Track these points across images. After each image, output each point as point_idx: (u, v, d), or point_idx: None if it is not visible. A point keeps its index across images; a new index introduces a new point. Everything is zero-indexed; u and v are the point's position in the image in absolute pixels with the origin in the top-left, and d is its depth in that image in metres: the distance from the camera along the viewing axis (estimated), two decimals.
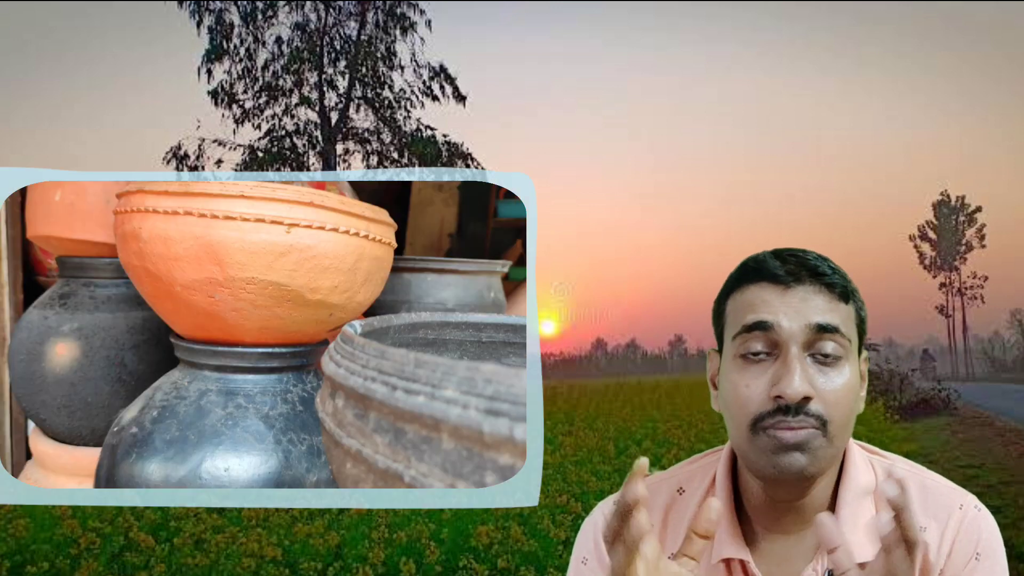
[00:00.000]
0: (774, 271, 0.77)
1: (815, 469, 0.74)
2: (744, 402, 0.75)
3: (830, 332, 0.74)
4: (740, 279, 0.79)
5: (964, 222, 33.64)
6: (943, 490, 0.80)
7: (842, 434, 0.75)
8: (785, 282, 0.76)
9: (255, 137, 12.02)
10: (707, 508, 0.66)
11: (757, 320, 0.75)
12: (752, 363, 0.75)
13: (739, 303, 0.78)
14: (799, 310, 0.74)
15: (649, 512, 0.84)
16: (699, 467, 0.87)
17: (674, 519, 0.84)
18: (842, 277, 0.77)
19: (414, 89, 12.43)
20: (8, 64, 43.80)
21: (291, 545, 3.60)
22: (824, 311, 0.75)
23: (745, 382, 0.75)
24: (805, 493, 0.78)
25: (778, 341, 0.74)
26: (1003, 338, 39.59)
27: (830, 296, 0.76)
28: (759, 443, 0.74)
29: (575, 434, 7.57)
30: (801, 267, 0.76)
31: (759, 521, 0.81)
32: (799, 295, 0.75)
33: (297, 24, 12.19)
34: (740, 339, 0.76)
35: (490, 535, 3.57)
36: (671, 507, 0.85)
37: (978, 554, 0.76)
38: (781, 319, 0.74)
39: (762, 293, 0.76)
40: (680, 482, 0.87)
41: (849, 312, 0.76)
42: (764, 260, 0.78)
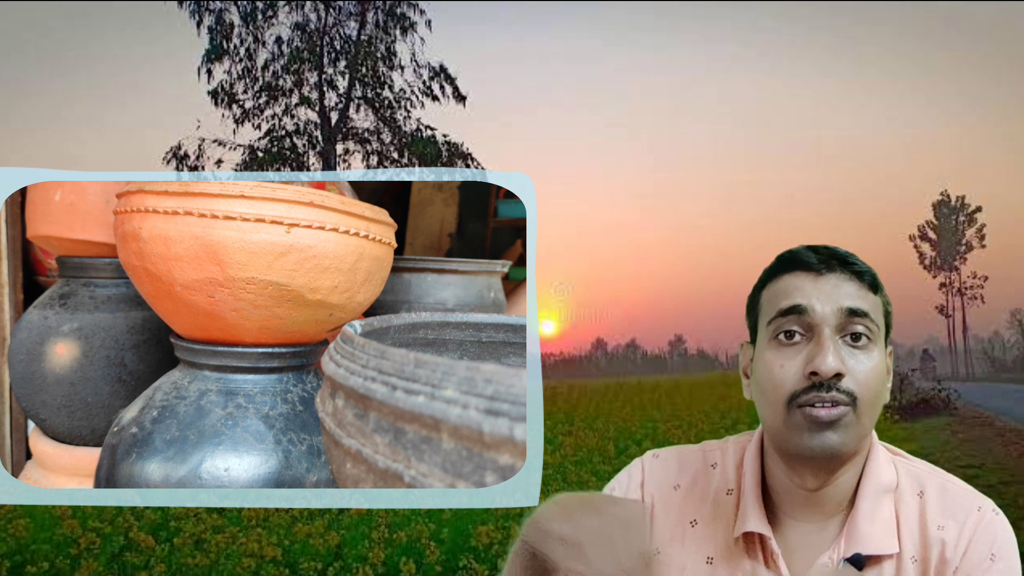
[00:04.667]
0: (807, 260, 0.81)
1: (846, 449, 0.77)
2: (780, 381, 0.78)
3: (860, 316, 0.78)
4: (775, 270, 0.84)
5: (964, 222, 33.62)
6: (963, 492, 0.82)
7: (871, 413, 0.78)
8: (818, 269, 0.80)
9: (255, 137, 12.00)
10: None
11: (792, 304, 0.79)
12: (786, 345, 0.79)
13: (774, 291, 0.82)
14: (831, 295, 0.79)
15: (680, 473, 0.89)
16: (732, 445, 0.91)
17: (701, 486, 0.88)
18: (870, 269, 0.82)
19: (414, 89, 12.42)
20: (8, 64, 43.77)
21: (291, 545, 3.60)
22: (854, 297, 0.79)
23: (780, 362, 0.79)
24: (829, 480, 0.80)
25: (812, 323, 0.78)
26: (1003, 338, 39.58)
27: (860, 284, 0.80)
28: (794, 420, 0.77)
29: (575, 434, 7.57)
30: (833, 257, 0.81)
31: (781, 507, 0.84)
32: (831, 282, 0.80)
33: (297, 24, 12.18)
34: (775, 323, 0.80)
35: (490, 535, 3.57)
36: (700, 474, 0.89)
37: (993, 555, 0.78)
38: (815, 303, 0.79)
39: (796, 280, 0.81)
40: (714, 457, 0.91)
41: (877, 302, 0.81)
42: (798, 251, 0.83)
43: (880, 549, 0.78)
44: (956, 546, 0.78)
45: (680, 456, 0.91)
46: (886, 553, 0.78)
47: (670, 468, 0.90)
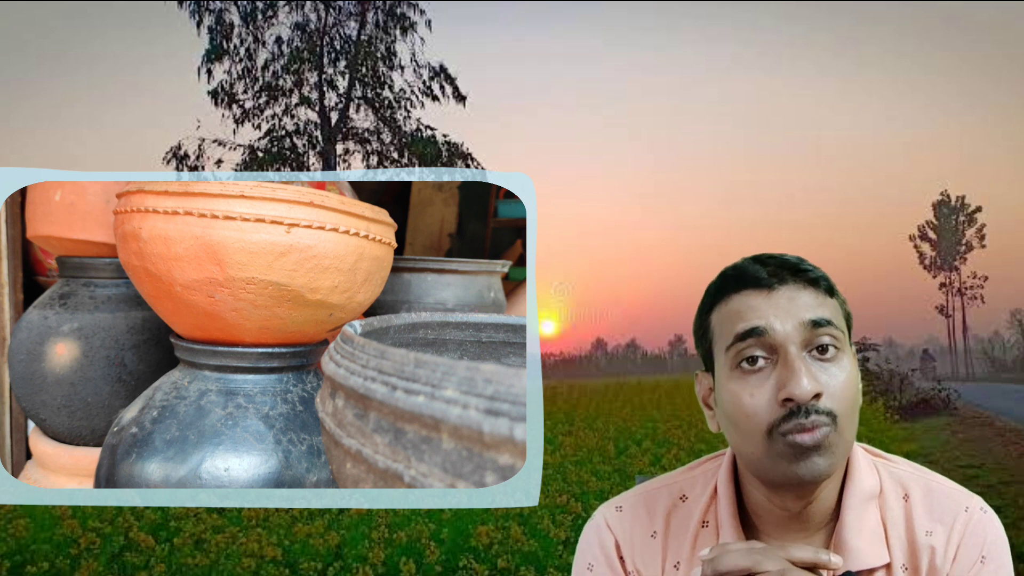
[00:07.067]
0: (756, 275, 0.75)
1: (834, 470, 0.74)
2: (752, 412, 0.73)
3: (824, 326, 0.73)
4: (721, 290, 0.78)
5: (964, 222, 33.61)
6: (948, 492, 0.79)
7: (851, 427, 0.74)
8: (769, 285, 0.74)
9: (255, 137, 12.01)
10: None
11: (749, 327, 0.73)
12: (751, 372, 0.74)
13: (725, 314, 0.76)
14: (788, 310, 0.73)
15: (652, 518, 0.84)
16: (700, 473, 0.87)
17: (676, 525, 0.84)
18: (822, 273, 0.76)
19: (414, 89, 12.42)
20: (8, 64, 43.79)
21: (291, 545, 3.60)
22: (814, 307, 0.74)
23: (748, 392, 0.73)
24: (813, 500, 0.77)
25: (774, 344, 0.73)
26: (1003, 338, 39.56)
27: (816, 292, 0.75)
28: (776, 449, 0.72)
29: (575, 434, 7.58)
30: (782, 267, 0.75)
31: (762, 528, 0.80)
32: (785, 295, 0.74)
33: (297, 24, 12.18)
34: (734, 349, 0.74)
35: (490, 535, 3.57)
36: (672, 513, 0.85)
37: (984, 557, 0.76)
38: (773, 321, 0.73)
39: (747, 299, 0.75)
40: (682, 489, 0.86)
41: (836, 306, 0.76)
42: (743, 267, 0.77)
43: (870, 562, 0.75)
44: (945, 553, 0.76)
45: (647, 500, 0.86)
46: (876, 565, 0.76)
47: (640, 516, 0.85)
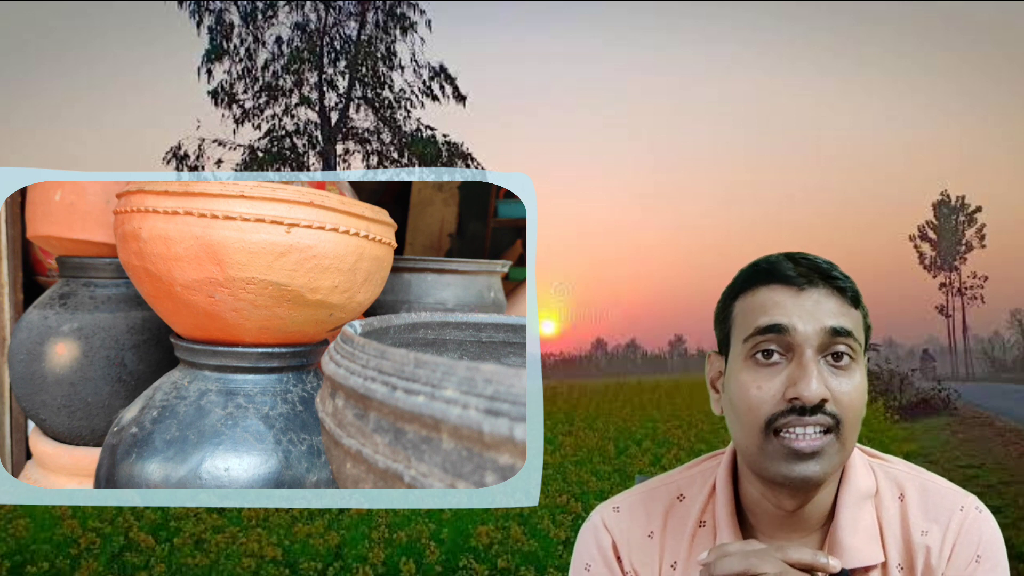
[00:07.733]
0: (787, 273, 0.76)
1: (827, 476, 0.75)
2: (756, 404, 0.74)
3: (843, 336, 0.74)
4: (750, 280, 0.78)
5: (964, 222, 33.62)
6: (943, 492, 0.80)
7: (852, 436, 0.75)
8: (798, 284, 0.75)
9: (255, 137, 12.02)
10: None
11: (772, 323, 0.74)
12: (764, 365, 0.75)
13: (750, 305, 0.77)
14: (813, 313, 0.74)
15: (649, 518, 0.84)
16: (698, 472, 0.87)
17: (673, 525, 0.84)
18: (852, 283, 0.77)
19: (414, 89, 12.43)
20: (8, 64, 43.83)
21: (291, 545, 3.60)
22: (837, 315, 0.74)
23: (757, 384, 0.74)
24: (808, 500, 0.78)
25: (792, 344, 0.74)
26: (1003, 338, 39.56)
27: (842, 300, 0.75)
28: (771, 447, 0.73)
29: (575, 434, 7.58)
30: (813, 270, 0.76)
31: (759, 527, 0.81)
32: (812, 298, 0.75)
33: (297, 24, 12.19)
34: (752, 341, 0.75)
35: (490, 535, 3.57)
36: (670, 512, 0.85)
37: (979, 556, 0.76)
38: (796, 322, 0.74)
39: (774, 295, 0.76)
40: (680, 488, 0.87)
41: (858, 317, 0.76)
42: (777, 262, 0.77)
43: (864, 560, 0.76)
44: (940, 552, 0.76)
45: (645, 500, 0.87)
46: (871, 564, 0.76)
47: (638, 517, 0.85)
